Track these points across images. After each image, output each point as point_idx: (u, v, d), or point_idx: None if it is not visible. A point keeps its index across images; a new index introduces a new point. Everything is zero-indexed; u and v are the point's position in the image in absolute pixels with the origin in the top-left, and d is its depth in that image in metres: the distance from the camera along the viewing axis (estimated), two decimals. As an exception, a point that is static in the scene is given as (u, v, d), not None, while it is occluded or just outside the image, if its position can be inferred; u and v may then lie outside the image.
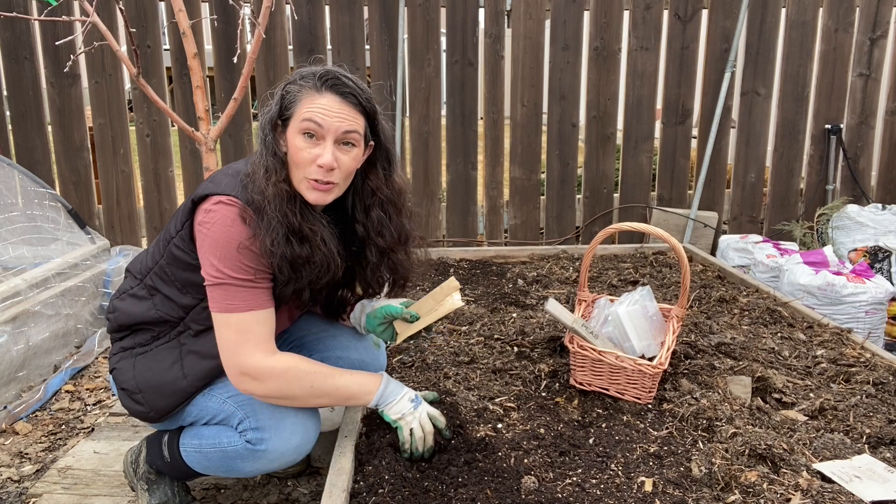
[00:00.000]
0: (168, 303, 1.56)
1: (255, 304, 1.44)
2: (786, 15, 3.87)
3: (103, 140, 3.84)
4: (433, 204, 4.01)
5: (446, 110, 3.94)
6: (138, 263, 1.66)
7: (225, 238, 1.41)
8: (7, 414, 2.36)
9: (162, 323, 1.59)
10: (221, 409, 1.55)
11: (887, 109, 4.04)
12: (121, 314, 1.62)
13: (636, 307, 1.90)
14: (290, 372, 1.46)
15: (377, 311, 1.71)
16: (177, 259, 1.52)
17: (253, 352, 1.43)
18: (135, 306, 1.60)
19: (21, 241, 2.91)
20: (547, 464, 1.52)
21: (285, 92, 1.47)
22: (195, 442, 1.60)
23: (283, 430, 1.50)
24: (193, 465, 1.63)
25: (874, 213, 3.62)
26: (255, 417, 1.51)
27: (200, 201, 1.46)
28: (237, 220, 1.42)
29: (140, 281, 1.62)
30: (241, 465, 1.54)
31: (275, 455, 1.51)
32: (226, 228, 1.41)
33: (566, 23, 3.84)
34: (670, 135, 4.00)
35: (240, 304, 1.43)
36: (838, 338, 2.22)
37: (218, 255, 1.41)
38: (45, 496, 1.93)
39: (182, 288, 1.54)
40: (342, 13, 3.76)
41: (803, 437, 1.61)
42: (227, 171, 1.53)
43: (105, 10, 3.54)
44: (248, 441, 1.51)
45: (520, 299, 2.62)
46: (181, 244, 1.51)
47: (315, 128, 1.42)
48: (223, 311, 1.43)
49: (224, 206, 1.42)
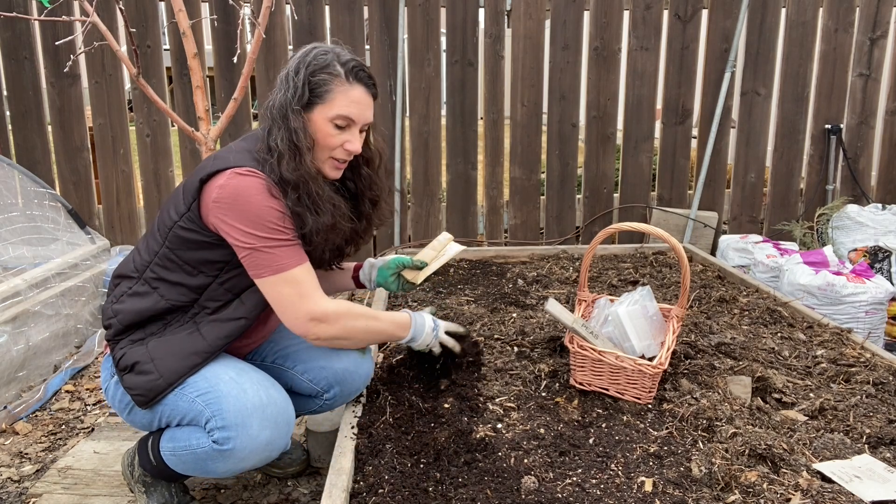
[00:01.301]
0: (176, 289, 1.58)
1: (301, 258, 1.54)
2: (786, 15, 3.87)
3: (103, 140, 3.84)
4: (433, 204, 4.01)
5: (446, 110, 3.94)
6: (130, 264, 1.65)
7: (255, 203, 1.46)
8: (7, 414, 2.36)
9: (173, 311, 1.60)
10: (191, 408, 1.53)
11: (887, 109, 4.04)
12: (125, 315, 1.60)
13: (636, 307, 1.89)
14: (350, 312, 1.60)
15: (389, 262, 1.90)
16: (185, 241, 1.54)
17: (318, 298, 1.54)
18: (139, 303, 1.59)
19: (21, 241, 2.91)
20: (547, 464, 1.52)
21: (315, 79, 1.54)
22: (170, 445, 1.60)
23: (250, 427, 1.48)
24: (174, 468, 1.62)
25: (874, 213, 3.62)
26: (220, 416, 1.49)
27: (209, 178, 1.50)
28: (262, 188, 1.48)
29: (138, 278, 1.61)
30: (213, 465, 1.53)
31: (244, 454, 1.49)
32: (253, 195, 1.47)
33: (566, 23, 3.84)
34: (670, 135, 4.00)
35: (290, 262, 1.50)
36: (838, 338, 2.22)
37: (251, 220, 1.46)
38: (45, 496, 1.93)
39: (193, 269, 1.56)
40: (342, 13, 3.76)
41: (803, 437, 1.61)
42: (230, 150, 1.56)
43: (105, 10, 3.54)
44: (215, 441, 1.49)
45: (520, 299, 2.62)
46: (189, 225, 1.53)
47: (350, 122, 1.57)
48: (276, 271, 1.50)
49: (245, 177, 1.47)
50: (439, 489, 1.43)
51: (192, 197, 1.52)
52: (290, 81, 1.54)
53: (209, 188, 1.50)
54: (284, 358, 1.81)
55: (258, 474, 2.03)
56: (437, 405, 1.75)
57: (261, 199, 1.47)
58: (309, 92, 1.53)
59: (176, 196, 1.59)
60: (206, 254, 1.55)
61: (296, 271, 1.51)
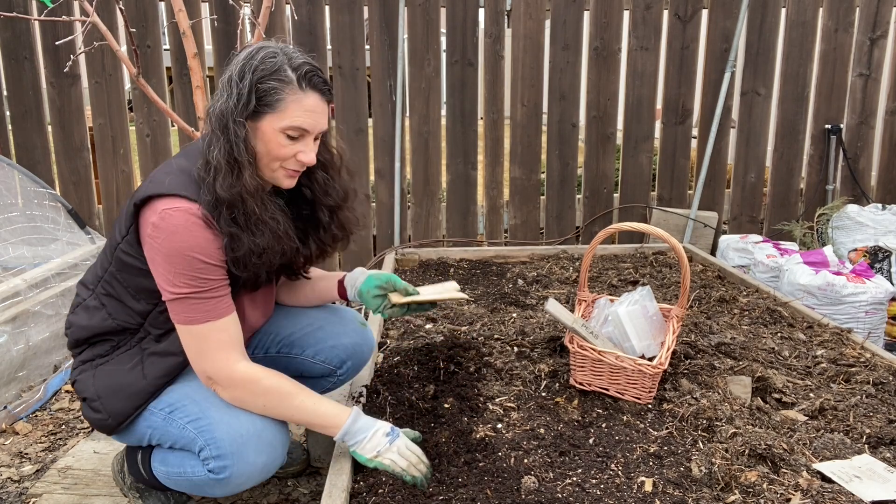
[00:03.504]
0: (123, 309, 1.52)
1: (215, 313, 1.42)
2: (786, 15, 3.87)
3: (103, 140, 3.84)
4: (433, 204, 4.01)
5: (446, 110, 3.94)
6: (90, 274, 1.59)
7: (179, 249, 1.36)
8: (7, 414, 2.36)
9: (121, 332, 1.54)
10: (182, 434, 1.48)
11: (887, 109, 4.04)
12: (76, 329, 1.56)
13: (636, 307, 1.89)
14: (248, 385, 1.44)
15: (381, 276, 1.70)
16: (126, 265, 1.47)
17: (214, 359, 1.43)
18: (88, 318, 1.54)
19: (21, 241, 2.91)
20: (547, 464, 1.52)
21: (263, 85, 1.40)
22: (163, 469, 1.57)
23: (246, 455, 1.43)
24: (168, 486, 1.60)
25: (874, 213, 3.62)
26: (215, 445, 1.43)
27: (143, 204, 1.40)
28: (194, 225, 1.37)
29: (92, 291, 1.56)
30: (210, 490, 1.50)
31: (241, 479, 1.46)
32: (180, 238, 1.35)
33: (566, 23, 3.84)
34: (670, 135, 4.00)
35: (200, 317, 1.40)
36: (838, 338, 2.22)
37: (173, 269, 1.37)
38: (45, 496, 1.93)
39: (135, 294, 1.50)
40: (342, 13, 3.76)
41: (803, 437, 1.61)
42: (170, 167, 1.45)
43: (105, 10, 3.53)
44: (210, 470, 1.45)
45: (520, 299, 2.62)
46: (129, 250, 1.45)
47: (303, 132, 1.44)
48: (183, 322, 1.42)
49: (177, 213, 1.36)
50: (439, 489, 1.43)
51: (129, 221, 1.43)
52: (233, 87, 1.39)
53: (144, 219, 1.40)
54: (290, 346, 1.79)
55: (258, 474, 2.03)
56: (437, 405, 1.76)
57: (190, 243, 1.36)
58: (256, 100, 1.39)
59: (122, 213, 1.49)
60: (145, 282, 1.47)
61: (204, 327, 1.41)
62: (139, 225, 1.42)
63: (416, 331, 2.32)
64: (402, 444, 1.47)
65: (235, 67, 1.42)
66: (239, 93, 1.39)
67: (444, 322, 2.39)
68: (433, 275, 3.04)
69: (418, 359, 1.98)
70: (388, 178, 3.95)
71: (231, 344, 1.44)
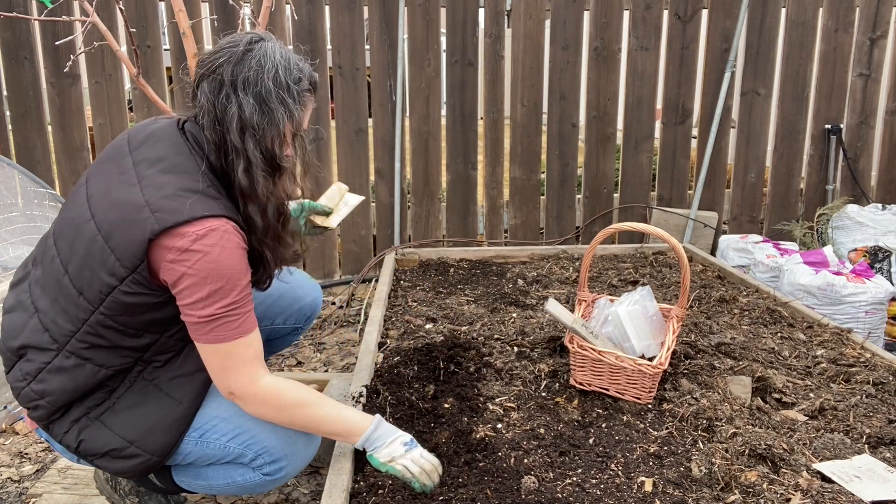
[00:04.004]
0: (117, 352, 1.40)
1: (243, 329, 1.36)
2: (786, 15, 3.87)
3: (103, 140, 3.83)
4: (433, 204, 4.01)
5: (446, 110, 3.94)
6: (41, 334, 1.39)
7: (218, 271, 1.29)
8: (7, 414, 2.36)
9: (114, 377, 1.43)
10: (225, 453, 1.47)
11: (887, 109, 4.04)
12: (57, 397, 1.38)
13: (636, 307, 1.90)
14: (271, 400, 1.41)
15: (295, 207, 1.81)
16: (131, 306, 1.34)
17: (238, 376, 1.37)
18: (70, 380, 1.38)
19: (21, 241, 2.91)
20: (547, 464, 1.52)
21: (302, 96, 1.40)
22: (201, 483, 1.53)
23: (298, 451, 1.51)
24: (195, 491, 1.60)
25: (874, 213, 3.62)
26: (268, 454, 1.46)
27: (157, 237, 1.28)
28: (228, 242, 1.31)
29: (58, 351, 1.38)
30: (260, 489, 1.54)
31: (293, 473, 1.54)
32: (221, 261, 1.30)
33: (566, 23, 3.84)
34: (670, 135, 4.00)
35: (229, 335, 1.34)
36: (838, 338, 2.22)
37: (206, 290, 1.30)
38: (45, 496, 1.93)
39: (138, 332, 1.39)
40: (342, 13, 3.76)
41: (803, 437, 1.61)
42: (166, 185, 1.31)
43: (105, 10, 3.53)
44: (267, 474, 1.48)
45: (520, 299, 2.62)
46: (136, 289, 1.32)
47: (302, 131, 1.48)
48: (210, 342, 1.35)
49: (210, 234, 1.29)
50: (439, 489, 1.43)
51: (135, 259, 1.29)
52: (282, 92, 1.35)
53: (160, 246, 1.29)
54: (260, 320, 1.67)
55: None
56: (437, 405, 1.76)
57: (228, 265, 1.31)
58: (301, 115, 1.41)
59: (93, 248, 1.33)
60: (156, 314, 1.38)
61: (230, 345, 1.35)
62: (150, 258, 1.30)
63: (416, 331, 2.32)
64: (418, 453, 1.46)
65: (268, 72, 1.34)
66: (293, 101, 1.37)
67: (444, 322, 2.39)
68: (433, 275, 3.04)
69: (418, 359, 1.98)
70: (388, 178, 3.95)
71: (255, 358, 1.39)
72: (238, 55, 1.34)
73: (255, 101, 1.34)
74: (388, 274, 2.94)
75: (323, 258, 3.99)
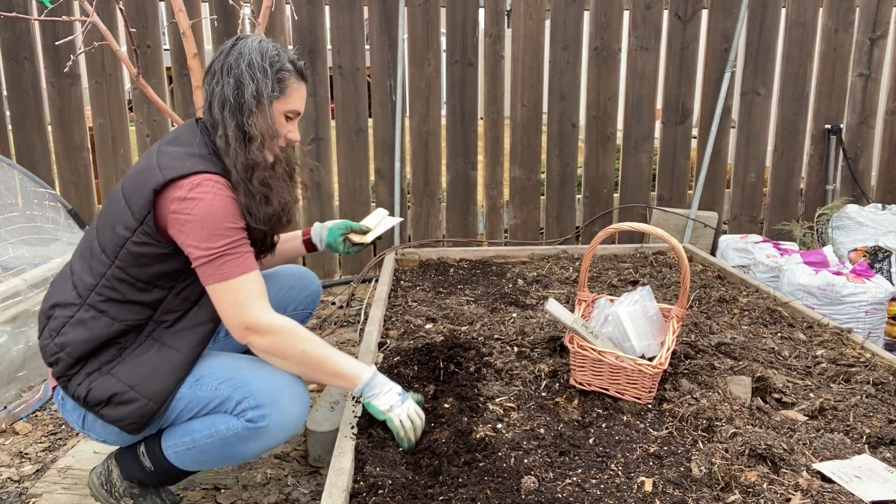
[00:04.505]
0: (130, 308, 1.57)
1: (246, 266, 1.54)
2: (786, 15, 3.87)
3: (103, 140, 3.84)
4: (433, 204, 4.01)
5: (446, 110, 3.94)
6: (69, 291, 1.60)
7: (213, 213, 1.50)
8: (7, 414, 2.36)
9: (126, 333, 1.58)
10: (214, 395, 1.56)
11: (887, 109, 4.04)
12: (74, 347, 1.54)
13: (636, 307, 1.90)
14: (285, 332, 1.55)
15: (339, 224, 2.06)
16: (140, 256, 1.54)
17: (251, 308, 1.53)
18: (87, 331, 1.54)
19: (21, 241, 2.91)
20: (547, 464, 1.52)
21: (279, 74, 1.61)
22: (186, 440, 1.59)
23: (282, 404, 1.55)
24: (185, 465, 1.63)
25: (874, 213, 3.62)
26: (253, 397, 1.54)
27: (162, 188, 1.50)
28: (220, 191, 1.52)
29: (80, 305, 1.57)
30: (242, 448, 1.56)
31: (276, 430, 1.55)
32: (214, 204, 1.50)
33: (566, 23, 3.84)
34: (670, 135, 4.00)
35: (234, 271, 1.52)
36: (838, 338, 2.22)
37: (206, 231, 1.49)
38: (45, 496, 1.93)
39: (148, 285, 1.57)
40: (342, 13, 3.76)
41: (803, 437, 1.61)
42: (175, 154, 1.56)
43: (105, 10, 3.53)
44: (249, 420, 1.53)
45: (520, 299, 2.62)
46: (144, 239, 1.53)
47: (297, 115, 1.69)
48: (219, 280, 1.52)
49: (205, 183, 1.50)
50: (439, 489, 1.43)
51: (144, 210, 1.51)
52: (257, 73, 1.57)
53: (165, 199, 1.50)
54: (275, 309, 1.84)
55: (258, 474, 2.03)
56: (437, 405, 1.76)
57: (220, 208, 1.51)
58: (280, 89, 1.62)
59: (117, 210, 1.57)
60: (162, 266, 1.56)
61: (239, 280, 1.53)
62: (157, 210, 1.52)
63: (416, 331, 2.32)
64: (412, 406, 1.61)
65: (254, 56, 1.58)
66: (265, 79, 1.58)
67: (444, 322, 2.39)
68: (433, 275, 3.04)
69: (418, 359, 1.98)
70: (388, 177, 3.95)
71: (262, 295, 1.55)
72: (226, 50, 1.62)
73: (234, 81, 1.58)
74: (388, 274, 2.94)
75: (323, 258, 3.99)
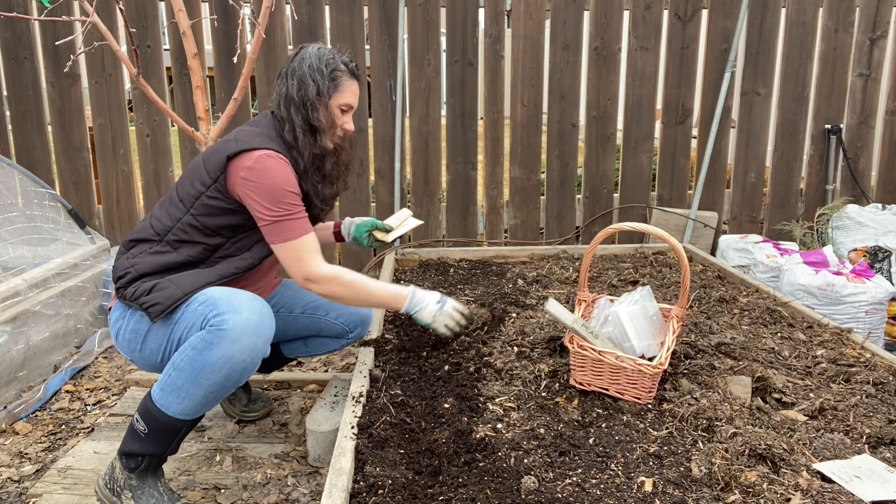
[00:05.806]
0: (195, 248, 1.86)
1: (304, 229, 1.85)
2: (786, 15, 3.87)
3: (103, 140, 3.84)
4: (433, 204, 4.01)
5: (446, 110, 3.94)
6: (149, 230, 1.89)
7: (274, 183, 1.78)
8: (7, 414, 2.36)
9: (185, 265, 1.86)
10: (194, 315, 1.72)
11: (887, 109, 4.04)
12: (144, 265, 1.82)
13: (636, 307, 1.90)
14: (336, 278, 1.87)
15: (366, 221, 2.30)
16: (210, 208, 1.83)
17: (308, 263, 1.85)
18: (160, 258, 1.84)
19: (21, 241, 2.91)
20: (547, 464, 1.52)
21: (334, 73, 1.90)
22: (168, 369, 1.71)
23: (241, 311, 1.69)
24: (171, 403, 1.69)
25: (874, 213, 3.62)
26: (216, 307, 1.70)
27: (235, 156, 1.79)
28: (282, 166, 1.81)
29: (159, 241, 1.87)
30: (209, 354, 1.65)
31: (235, 333, 1.65)
32: (273, 175, 1.78)
33: (566, 23, 3.84)
34: (670, 135, 4.00)
35: (295, 233, 1.83)
36: (838, 338, 2.22)
37: (270, 199, 1.78)
38: (45, 496, 1.93)
39: (213, 233, 1.86)
40: (342, 13, 3.76)
41: (803, 437, 1.61)
42: (249, 133, 1.87)
43: (105, 10, 3.53)
44: (212, 325, 1.67)
45: (520, 299, 2.62)
46: (216, 194, 1.83)
47: (351, 108, 1.96)
48: (283, 241, 1.83)
49: (268, 158, 1.80)
50: (439, 489, 1.43)
51: (218, 171, 1.82)
52: (316, 74, 1.88)
53: (236, 165, 1.79)
54: (315, 308, 2.19)
55: (258, 474, 2.03)
56: (437, 405, 1.76)
57: (282, 180, 1.79)
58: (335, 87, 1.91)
59: (196, 170, 1.87)
60: (226, 219, 1.85)
61: (298, 241, 1.84)
62: (228, 173, 1.81)
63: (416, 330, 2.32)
64: (450, 307, 1.96)
65: (312, 61, 1.89)
66: (322, 79, 1.89)
67: (444, 322, 2.39)
68: (433, 275, 3.04)
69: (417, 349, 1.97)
70: (388, 178, 3.95)
71: (318, 251, 1.88)
72: (292, 56, 1.94)
73: (297, 82, 1.89)
74: (388, 274, 2.94)
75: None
